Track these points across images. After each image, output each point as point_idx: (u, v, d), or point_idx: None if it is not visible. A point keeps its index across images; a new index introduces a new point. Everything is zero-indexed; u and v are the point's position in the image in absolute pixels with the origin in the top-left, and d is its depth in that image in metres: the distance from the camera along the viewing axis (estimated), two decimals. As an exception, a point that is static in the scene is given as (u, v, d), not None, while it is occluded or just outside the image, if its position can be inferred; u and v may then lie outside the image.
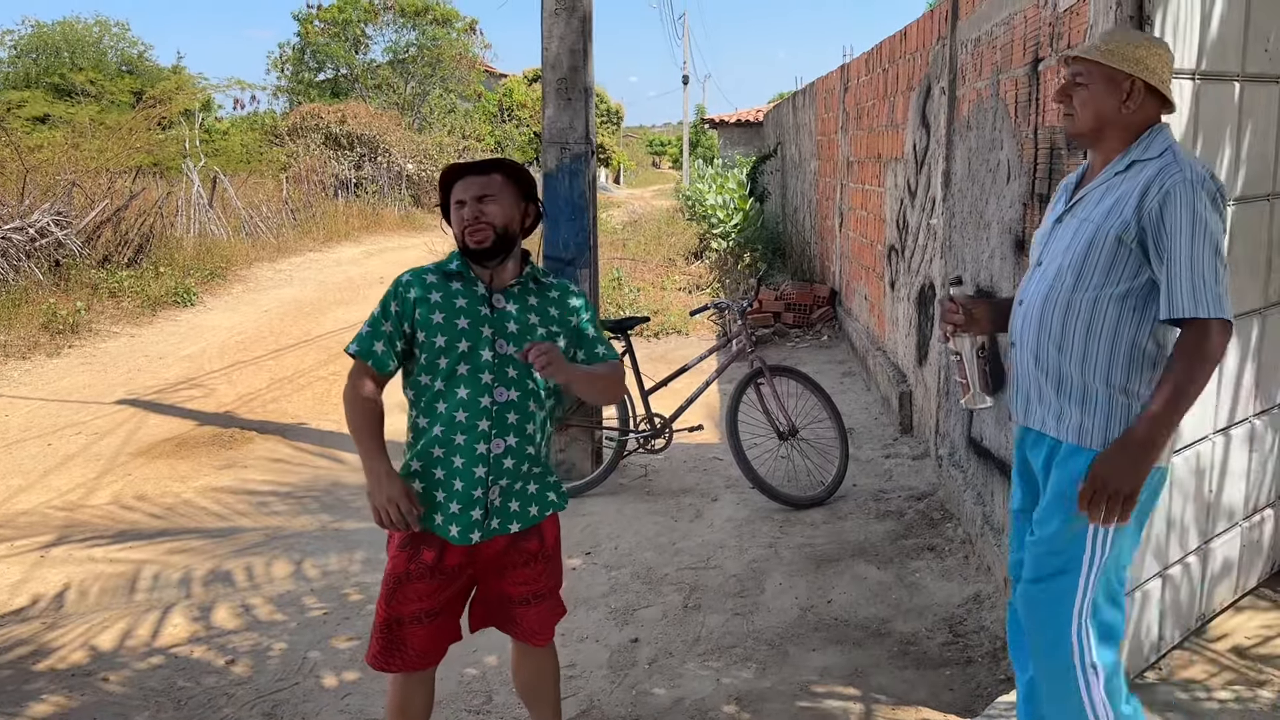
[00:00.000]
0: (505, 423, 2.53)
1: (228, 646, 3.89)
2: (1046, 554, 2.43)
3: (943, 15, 5.57)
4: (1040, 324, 2.43)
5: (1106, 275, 2.31)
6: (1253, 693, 3.20)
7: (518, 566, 2.65)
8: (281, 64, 32.21)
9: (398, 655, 2.61)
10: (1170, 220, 2.22)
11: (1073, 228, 2.41)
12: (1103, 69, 2.34)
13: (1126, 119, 2.35)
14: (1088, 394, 2.36)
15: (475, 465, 2.52)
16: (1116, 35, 2.39)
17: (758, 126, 21.83)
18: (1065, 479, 2.39)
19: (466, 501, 2.53)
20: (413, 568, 2.56)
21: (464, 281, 2.57)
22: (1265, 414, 3.69)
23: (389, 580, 2.60)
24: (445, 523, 2.54)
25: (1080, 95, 2.39)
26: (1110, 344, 2.33)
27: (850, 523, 5.01)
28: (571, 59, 5.47)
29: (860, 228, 8.61)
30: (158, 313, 11.68)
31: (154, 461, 6.35)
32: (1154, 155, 2.32)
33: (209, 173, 17.95)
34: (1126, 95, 2.33)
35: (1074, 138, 2.49)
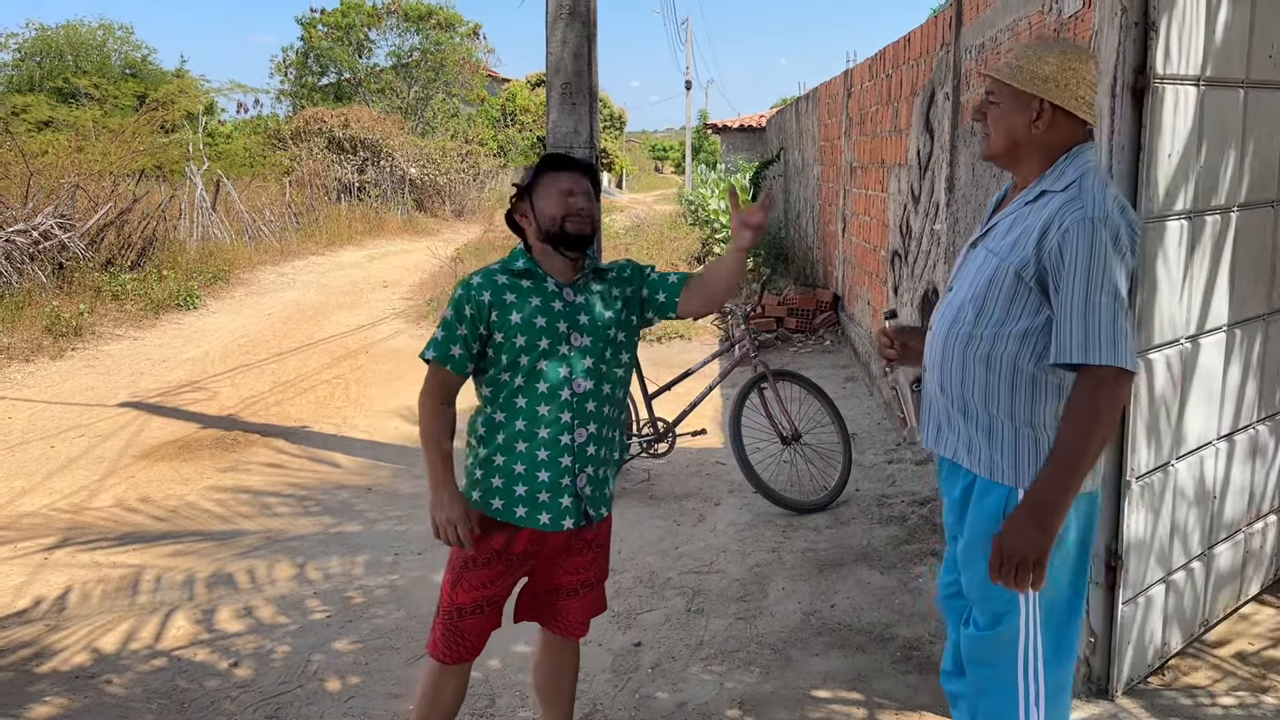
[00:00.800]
0: (585, 411, 2.58)
1: (230, 649, 3.90)
2: (981, 599, 2.36)
3: (947, 21, 5.58)
4: (944, 354, 2.35)
5: (1007, 312, 2.23)
6: (1256, 699, 3.19)
7: (573, 554, 2.70)
8: (285, 68, 32.27)
9: (454, 645, 2.65)
10: (1068, 259, 2.10)
11: (980, 258, 2.33)
12: (1010, 89, 2.25)
13: (1038, 139, 2.25)
14: (993, 428, 2.28)
15: (561, 455, 2.56)
16: (1029, 52, 2.27)
17: (760, 132, 21.86)
18: (983, 519, 2.31)
19: (555, 490, 2.57)
20: (481, 554, 2.60)
21: (534, 279, 2.58)
22: (1269, 420, 3.69)
23: (454, 567, 2.63)
24: (532, 513, 2.57)
25: (993, 115, 2.30)
26: (1010, 380, 2.24)
27: (853, 527, 5.01)
28: (575, 64, 5.48)
29: (863, 233, 8.61)
30: (161, 316, 11.69)
31: (157, 464, 6.36)
32: (1061, 188, 2.20)
33: (212, 176, 17.99)
34: (1035, 116, 2.23)
35: (989, 159, 2.38)
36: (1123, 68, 2.86)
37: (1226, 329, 3.36)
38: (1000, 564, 2.15)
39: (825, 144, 11.04)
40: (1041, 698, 2.33)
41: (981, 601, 2.36)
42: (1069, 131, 2.25)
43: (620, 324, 2.65)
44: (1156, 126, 2.90)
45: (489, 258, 15.65)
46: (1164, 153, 2.94)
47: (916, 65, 6.46)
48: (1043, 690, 2.33)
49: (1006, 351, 2.24)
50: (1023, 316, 2.21)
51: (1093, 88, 2.24)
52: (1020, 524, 2.13)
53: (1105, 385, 2.07)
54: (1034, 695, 2.33)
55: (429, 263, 16.16)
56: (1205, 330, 3.26)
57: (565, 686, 2.90)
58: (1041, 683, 2.33)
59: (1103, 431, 2.10)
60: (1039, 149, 2.26)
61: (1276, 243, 3.54)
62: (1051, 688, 2.34)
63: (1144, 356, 3.01)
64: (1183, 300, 3.13)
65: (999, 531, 2.21)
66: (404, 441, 6.82)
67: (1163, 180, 2.95)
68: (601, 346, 2.60)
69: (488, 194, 27.50)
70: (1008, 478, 2.26)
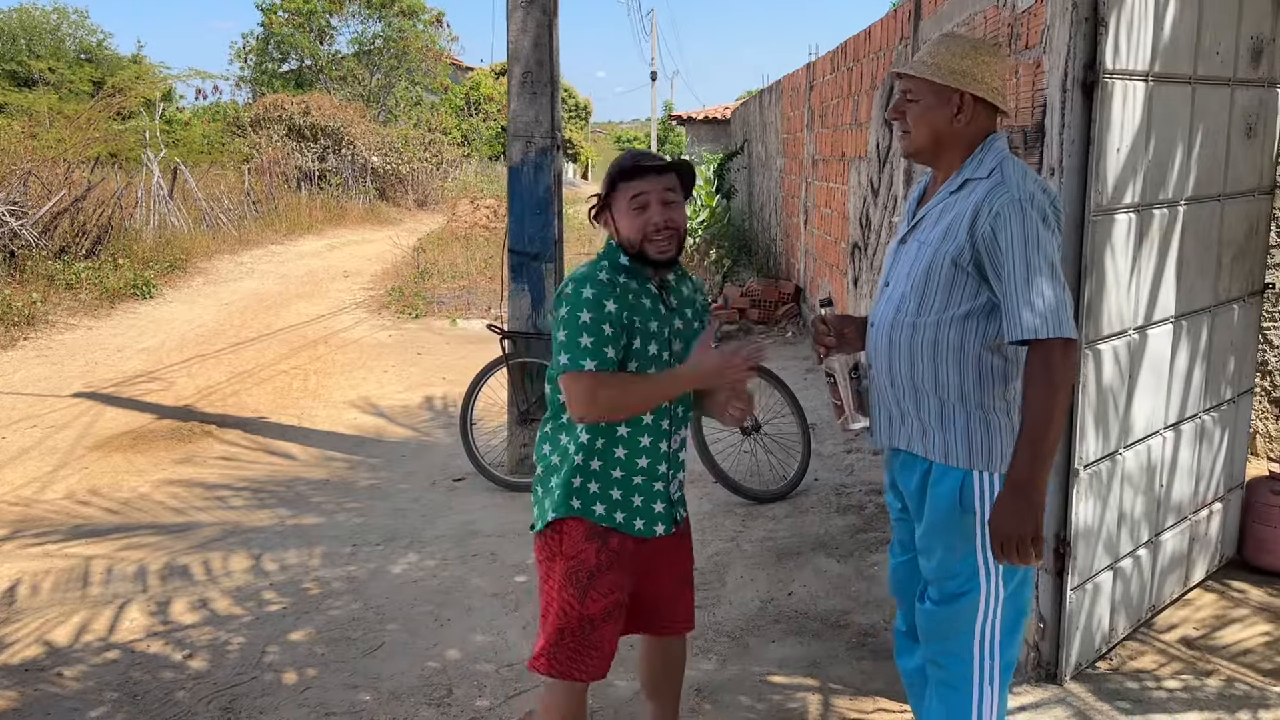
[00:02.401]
0: (679, 417, 2.53)
1: (185, 641, 3.86)
2: (942, 579, 2.40)
3: (905, 15, 5.63)
4: (890, 347, 2.41)
5: (947, 298, 2.30)
6: (1200, 682, 3.27)
7: (667, 551, 2.59)
8: (244, 54, 31.85)
9: (591, 659, 2.48)
10: (1003, 241, 2.19)
11: (914, 250, 2.39)
12: (930, 84, 2.31)
13: (960, 132, 2.32)
14: (945, 412, 2.34)
15: (659, 463, 2.49)
16: (942, 48, 2.33)
17: (725, 124, 21.88)
18: (941, 502, 2.37)
19: (650, 496, 2.51)
20: (604, 558, 2.46)
21: (638, 279, 2.45)
22: (1215, 410, 3.77)
23: (578, 576, 2.46)
24: (629, 519, 2.48)
25: (913, 112, 2.35)
26: (958, 362, 2.31)
27: (812, 517, 5.05)
28: (537, 52, 5.46)
29: (825, 225, 8.67)
30: (116, 305, 11.52)
31: (110, 455, 6.27)
32: (984, 174, 2.28)
33: (169, 164, 17.73)
34: (957, 110, 2.29)
35: (911, 156, 2.43)
36: (1073, 63, 2.91)
37: (1174, 320, 3.43)
38: (1000, 547, 2.21)
39: (788, 136, 11.09)
40: (996, 674, 2.39)
41: (940, 582, 2.41)
42: (986, 122, 2.34)
43: (694, 338, 2.54)
44: (1106, 121, 2.94)
45: (451, 248, 15.59)
46: (1113, 147, 2.99)
47: (876, 59, 6.50)
48: (998, 667, 2.40)
49: (951, 336, 2.31)
50: (963, 301, 2.29)
51: (1003, 78, 2.33)
52: (1008, 505, 2.20)
53: (1055, 355, 2.16)
54: (989, 671, 2.39)
55: (391, 252, 16.04)
56: (1153, 321, 3.32)
57: (676, 683, 2.82)
58: (997, 660, 2.39)
59: (1062, 400, 2.18)
60: (960, 141, 2.33)
61: (1223, 236, 3.61)
62: (1005, 664, 2.41)
63: (1092, 347, 3.06)
64: (1131, 292, 3.19)
65: (962, 514, 2.30)
66: (362, 432, 6.78)
67: (1112, 174, 3.00)
68: (685, 353, 2.51)
69: (451, 183, 27.32)
70: (962, 461, 2.33)
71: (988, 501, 2.31)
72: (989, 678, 2.39)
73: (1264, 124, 3.72)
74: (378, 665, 3.66)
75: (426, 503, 5.41)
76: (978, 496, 2.32)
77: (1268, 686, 3.23)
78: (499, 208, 18.41)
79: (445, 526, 5.02)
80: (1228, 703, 3.15)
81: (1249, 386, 4.02)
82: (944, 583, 2.40)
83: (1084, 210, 2.97)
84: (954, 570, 2.37)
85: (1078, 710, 3.10)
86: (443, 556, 4.63)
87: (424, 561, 4.60)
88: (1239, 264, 3.74)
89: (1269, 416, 4.81)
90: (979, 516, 2.32)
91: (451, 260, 14.45)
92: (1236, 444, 3.99)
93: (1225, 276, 3.67)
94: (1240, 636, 3.57)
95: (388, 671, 3.61)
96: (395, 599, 4.20)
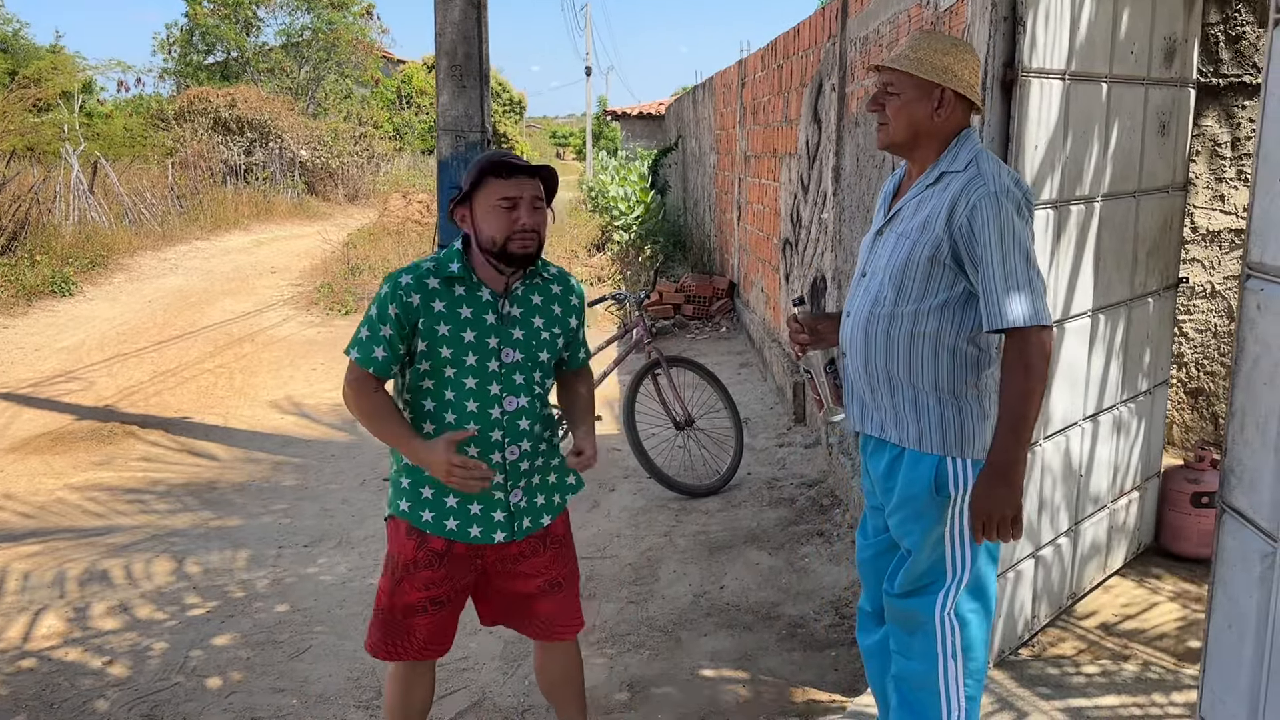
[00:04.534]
0: (518, 429, 2.46)
1: (105, 647, 3.75)
2: (914, 562, 2.46)
3: (833, 13, 5.68)
4: (866, 336, 2.46)
5: (925, 289, 2.35)
6: (1118, 666, 3.36)
7: (527, 556, 2.57)
8: (168, 45, 31.01)
9: (401, 643, 2.56)
10: (980, 234, 2.25)
11: (891, 242, 2.43)
12: (912, 79, 2.34)
13: (938, 127, 2.37)
14: (919, 400, 2.40)
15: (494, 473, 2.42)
16: (924, 43, 2.37)
17: (660, 119, 21.93)
18: (914, 487, 2.42)
19: (487, 503, 2.48)
20: (420, 555, 2.48)
21: (468, 287, 2.41)
22: (1131, 401, 3.87)
23: (395, 567, 2.52)
24: (463, 526, 2.47)
25: (892, 105, 2.38)
26: (934, 351, 2.37)
27: (744, 510, 5.09)
28: (466, 45, 5.40)
29: (757, 221, 8.73)
30: (33, 303, 11.16)
31: (27, 458, 6.07)
32: (960, 168, 2.34)
33: (90, 157, 17.20)
34: (938, 104, 2.34)
35: (888, 148, 2.46)
36: (992, 61, 2.95)
37: (1091, 314, 3.51)
38: (982, 527, 2.30)
39: (721, 133, 11.14)
40: (959, 649, 2.46)
41: (909, 567, 2.47)
42: (962, 117, 2.39)
43: (549, 347, 2.52)
44: (1024, 118, 3.00)
45: (383, 243, 15.37)
46: (1031, 144, 3.05)
47: (806, 56, 6.56)
48: (959, 642, 2.46)
49: (928, 326, 2.37)
50: (939, 291, 2.35)
51: (977, 75, 2.39)
52: (990, 486, 2.28)
53: (1032, 342, 2.24)
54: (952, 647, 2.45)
55: (320, 248, 15.77)
56: (1071, 316, 3.40)
57: (572, 688, 2.80)
58: (958, 636, 2.46)
59: (1039, 385, 2.27)
60: (937, 135, 2.38)
61: (1138, 232, 3.71)
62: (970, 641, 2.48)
63: (1013, 340, 3.12)
64: (1049, 286, 3.26)
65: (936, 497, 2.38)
66: (289, 432, 6.66)
67: (1030, 170, 3.06)
68: (532, 364, 2.47)
69: (383, 178, 26.95)
70: (936, 447, 2.39)
71: (960, 486, 2.39)
72: (952, 653, 2.46)
73: (1176, 122, 3.82)
74: (305, 668, 3.60)
75: (356, 503, 5.33)
76: (951, 481, 2.39)
77: (1180, 669, 3.33)
78: (432, 202, 18.20)
79: (375, 526, 4.95)
80: (1144, 686, 3.24)
81: (1164, 378, 4.13)
82: (911, 570, 2.46)
83: (1004, 206, 3.02)
84: (923, 556, 2.44)
85: (999, 697, 3.17)
86: (373, 557, 4.56)
87: (353, 562, 4.53)
88: (1154, 259, 3.84)
89: (1184, 407, 4.95)
90: (952, 500, 2.39)
91: (383, 255, 14.25)
92: (1153, 434, 4.10)
93: (1141, 271, 3.77)
94: (1156, 621, 3.67)
95: (315, 674, 3.55)
96: (323, 601, 4.13)
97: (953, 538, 2.42)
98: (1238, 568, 1.77)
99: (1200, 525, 4.06)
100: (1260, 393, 1.69)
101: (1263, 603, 1.70)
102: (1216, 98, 4.58)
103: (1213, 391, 4.90)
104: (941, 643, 2.46)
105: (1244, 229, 1.99)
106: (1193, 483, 4.11)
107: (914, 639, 2.49)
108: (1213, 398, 4.90)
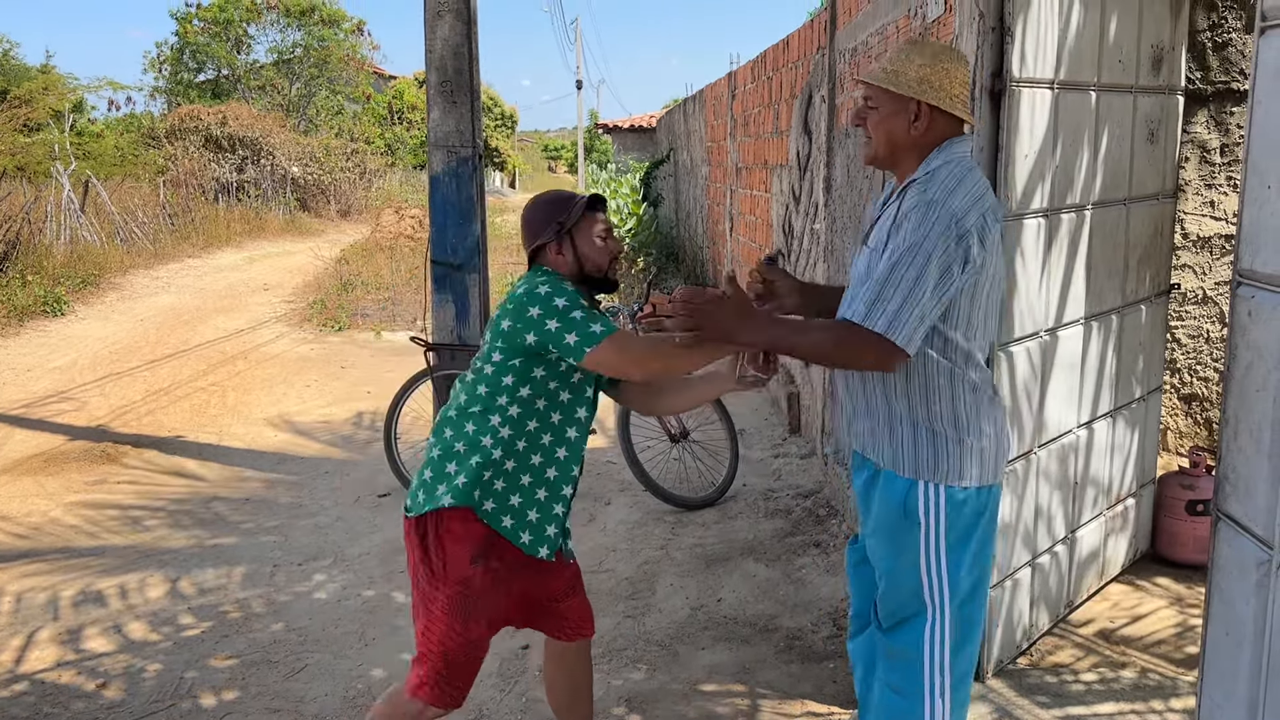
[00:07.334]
0: (585, 448, 2.61)
1: (99, 669, 3.73)
2: (890, 590, 2.41)
3: (822, 25, 5.70)
4: None
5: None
6: (1115, 674, 3.35)
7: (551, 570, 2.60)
8: (159, 64, 31.02)
9: (468, 684, 2.51)
10: (903, 232, 2.18)
11: (865, 256, 2.36)
12: (888, 93, 2.29)
13: (917, 140, 2.29)
14: (894, 422, 2.35)
15: (566, 486, 2.54)
16: (901, 56, 2.31)
17: (651, 132, 21.97)
18: (884, 510, 2.38)
19: (554, 521, 2.52)
20: (486, 581, 2.44)
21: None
22: (1126, 408, 3.87)
23: (465, 600, 2.42)
24: (535, 542, 2.48)
25: (872, 119, 2.33)
26: (905, 373, 2.30)
27: (740, 522, 5.08)
28: (456, 60, 5.41)
29: (749, 232, 8.74)
30: (25, 323, 11.11)
31: (19, 479, 6.04)
32: (923, 175, 2.28)
33: (81, 177, 17.17)
34: (914, 117, 2.27)
35: (871, 163, 2.42)
36: (981, 71, 2.97)
37: (1084, 321, 3.52)
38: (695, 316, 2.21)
39: (712, 145, 11.17)
40: (948, 687, 2.39)
41: (886, 594, 2.42)
42: (947, 130, 2.30)
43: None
44: (1013, 128, 3.01)
45: (376, 259, 15.36)
46: (1021, 153, 3.06)
47: (795, 68, 6.58)
48: (949, 680, 2.39)
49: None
50: None
51: (965, 85, 2.30)
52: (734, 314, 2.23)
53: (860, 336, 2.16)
54: (940, 685, 2.39)
55: (312, 264, 15.77)
56: (1064, 323, 3.41)
57: (585, 694, 2.82)
58: (948, 674, 2.39)
59: (823, 358, 2.33)
60: (918, 149, 2.31)
61: (1129, 239, 3.72)
62: (957, 677, 2.41)
63: (1006, 349, 3.12)
64: (1042, 294, 3.27)
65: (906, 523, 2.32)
66: (284, 450, 6.63)
67: (1020, 180, 3.07)
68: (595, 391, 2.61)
69: (375, 193, 26.95)
70: (909, 471, 2.33)
71: (932, 512, 2.32)
72: (940, 691, 2.38)
73: (1165, 129, 3.84)
74: (300, 688, 3.58)
75: (350, 520, 5.31)
76: (921, 507, 2.32)
77: (1179, 676, 3.33)
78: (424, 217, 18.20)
79: (370, 544, 4.93)
80: (1142, 693, 3.23)
81: (1158, 385, 4.14)
82: (889, 596, 2.41)
83: (995, 215, 3.03)
84: (900, 583, 2.37)
85: (999, 706, 3.16)
86: (368, 575, 4.55)
87: (348, 580, 4.51)
88: (1145, 266, 3.85)
89: (1178, 413, 4.96)
90: (924, 528, 2.32)
91: (376, 271, 14.25)
92: (1148, 441, 4.11)
93: (1132, 278, 3.78)
94: (1154, 628, 3.67)
95: (311, 694, 3.53)
96: (318, 619, 4.11)
97: (929, 567, 2.34)
98: (1234, 575, 1.76)
99: (1196, 531, 4.07)
100: (1253, 399, 1.69)
101: (1259, 609, 1.69)
102: (1205, 104, 4.60)
103: (1206, 397, 4.91)
104: (929, 682, 2.38)
105: (1234, 235, 1.99)
106: (1188, 489, 4.11)
107: (901, 676, 2.42)
108: (1206, 403, 4.91)
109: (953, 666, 2.39)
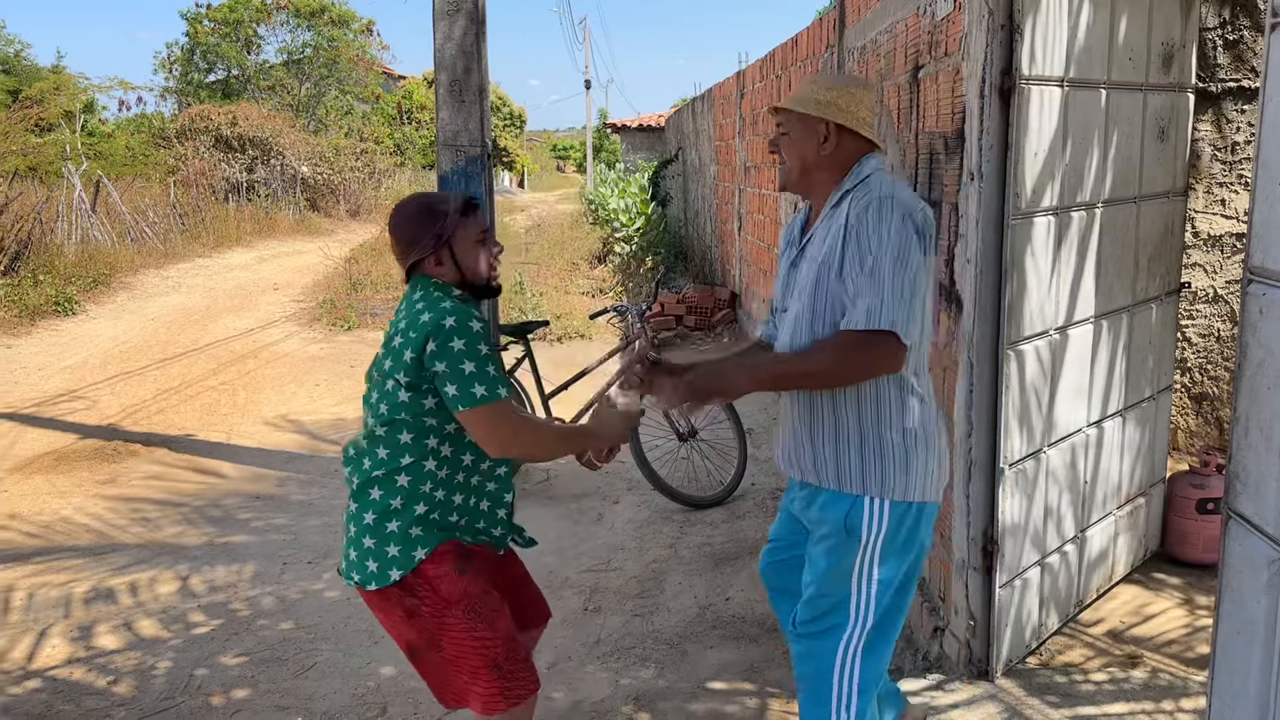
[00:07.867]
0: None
1: (110, 667, 3.75)
2: (817, 595, 2.41)
3: (830, 23, 5.69)
4: None
5: (838, 314, 2.28)
6: (1126, 674, 3.34)
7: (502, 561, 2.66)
8: (169, 64, 31.18)
9: (529, 668, 2.50)
10: (862, 235, 2.22)
11: (804, 270, 2.40)
12: (798, 116, 2.39)
13: (828, 159, 2.38)
14: (839, 438, 2.34)
15: (506, 490, 2.56)
16: (811, 83, 2.43)
17: (659, 131, 21.97)
18: (826, 527, 2.38)
19: (508, 509, 2.56)
20: (479, 582, 2.42)
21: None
22: (1136, 407, 3.86)
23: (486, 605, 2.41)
24: (503, 536, 2.55)
25: (784, 144, 2.43)
26: (854, 387, 2.31)
27: (749, 521, 5.07)
28: (464, 60, 5.42)
29: (758, 231, 8.73)
30: (37, 322, 11.17)
31: (31, 477, 6.07)
32: (854, 184, 2.34)
33: (92, 177, 17.25)
34: (824, 138, 2.37)
35: (786, 189, 2.49)
36: (990, 69, 2.96)
37: (1094, 320, 3.50)
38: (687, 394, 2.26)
39: (720, 144, 11.16)
40: (855, 698, 2.41)
41: (814, 599, 2.41)
42: (857, 150, 2.40)
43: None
44: (1023, 126, 3.00)
45: (385, 258, 15.39)
46: (1030, 151, 3.05)
47: (804, 66, 6.57)
48: (855, 691, 2.41)
49: None
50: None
51: (872, 111, 2.42)
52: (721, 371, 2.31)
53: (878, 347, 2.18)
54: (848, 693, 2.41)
55: (322, 264, 15.81)
56: (1074, 322, 3.40)
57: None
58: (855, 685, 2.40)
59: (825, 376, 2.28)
60: (829, 168, 2.40)
61: (1140, 237, 3.71)
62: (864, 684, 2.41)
63: (1015, 348, 3.12)
64: (1051, 293, 3.26)
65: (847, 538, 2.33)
66: (294, 448, 6.65)
67: (1030, 178, 3.06)
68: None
69: (385, 193, 27.03)
70: (855, 487, 2.34)
71: (874, 527, 2.32)
72: (846, 702, 2.41)
73: (1175, 127, 3.82)
74: (310, 685, 3.59)
75: (360, 518, 5.32)
76: (865, 521, 2.33)
77: (1189, 676, 3.31)
78: (433, 217, 18.20)
79: (380, 541, 4.94)
80: (1152, 693, 3.22)
81: (1168, 384, 4.12)
82: (816, 600, 2.41)
83: (1003, 214, 3.02)
84: (829, 589, 2.38)
85: (1008, 706, 3.15)
86: (377, 572, 4.55)
87: (358, 578, 4.52)
88: (1156, 264, 3.84)
89: (1188, 412, 4.94)
90: (864, 542, 2.33)
91: (385, 270, 14.28)
92: (1158, 440, 4.09)
93: (1143, 276, 3.76)
94: (1164, 628, 3.66)
95: (320, 691, 3.54)
96: (328, 617, 4.13)
97: (860, 579, 2.35)
98: (1245, 574, 1.76)
99: (1206, 531, 4.05)
100: (1264, 397, 1.68)
101: (1271, 609, 1.69)
102: (1215, 102, 4.59)
103: (1217, 396, 4.89)
104: (837, 693, 2.40)
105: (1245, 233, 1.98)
106: (1198, 488, 4.09)
107: (810, 682, 2.45)
108: (1217, 403, 4.89)
109: (862, 674, 2.41)
